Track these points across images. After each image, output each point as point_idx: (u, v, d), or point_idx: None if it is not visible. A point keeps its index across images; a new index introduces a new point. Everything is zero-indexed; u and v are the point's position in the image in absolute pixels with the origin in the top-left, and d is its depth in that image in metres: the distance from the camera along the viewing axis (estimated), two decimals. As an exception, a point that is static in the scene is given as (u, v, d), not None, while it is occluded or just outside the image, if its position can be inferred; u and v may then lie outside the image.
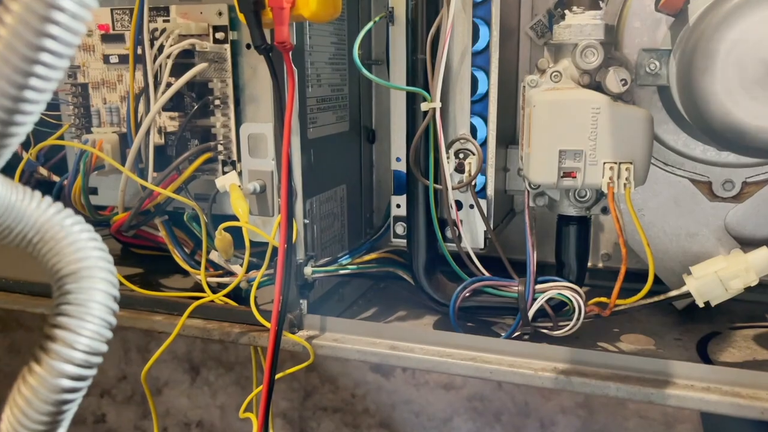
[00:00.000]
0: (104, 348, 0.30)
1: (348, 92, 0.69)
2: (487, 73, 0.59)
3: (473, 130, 0.60)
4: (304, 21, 0.53)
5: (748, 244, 0.62)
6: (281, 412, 1.23)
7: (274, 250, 0.55)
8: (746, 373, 0.50)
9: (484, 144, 0.60)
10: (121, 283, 0.66)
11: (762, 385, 0.47)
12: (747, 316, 0.64)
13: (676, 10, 0.51)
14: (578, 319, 0.55)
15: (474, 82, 0.59)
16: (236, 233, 0.60)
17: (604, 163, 0.49)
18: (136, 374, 1.32)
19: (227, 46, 0.62)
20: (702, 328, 0.61)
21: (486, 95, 0.59)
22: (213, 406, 1.28)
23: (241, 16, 0.49)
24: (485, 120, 0.60)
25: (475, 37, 0.58)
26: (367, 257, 0.62)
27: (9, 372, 1.35)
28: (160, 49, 0.62)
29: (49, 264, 0.30)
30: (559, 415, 1.08)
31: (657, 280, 0.59)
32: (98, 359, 0.30)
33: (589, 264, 0.71)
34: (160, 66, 0.62)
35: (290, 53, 0.50)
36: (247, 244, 0.57)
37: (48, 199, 0.31)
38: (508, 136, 0.66)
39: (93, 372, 0.30)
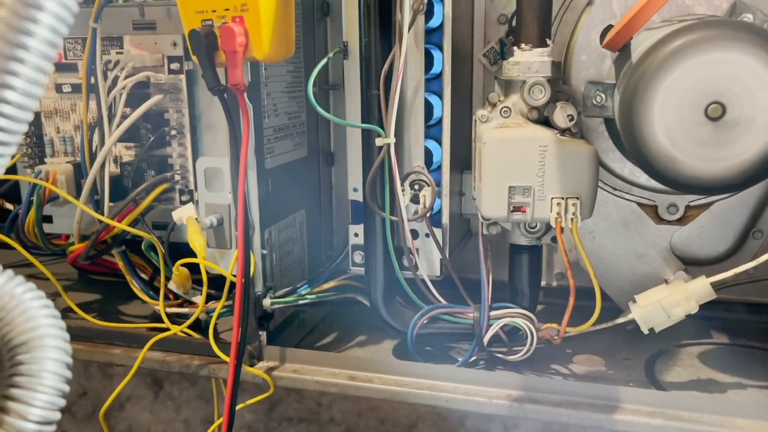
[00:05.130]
0: (57, 416, 0.30)
1: (305, 118, 0.70)
2: (442, 99, 0.60)
3: (429, 155, 0.61)
4: (258, 62, 0.53)
5: (692, 263, 0.65)
6: (246, 424, 1.23)
7: (233, 282, 0.55)
8: (688, 395, 0.52)
9: (439, 169, 0.61)
10: (77, 315, 0.65)
11: (703, 409, 0.50)
12: (692, 332, 0.66)
13: (619, 48, 0.53)
14: (531, 344, 0.57)
15: (429, 107, 0.60)
16: (195, 264, 0.60)
17: (552, 198, 0.51)
18: (96, 390, 1.30)
19: (182, 77, 0.62)
20: (649, 347, 0.63)
21: (441, 120, 0.60)
22: (177, 420, 1.27)
23: (194, 58, 0.49)
24: (441, 144, 0.61)
25: (430, 62, 0.59)
26: (326, 285, 0.63)
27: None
28: (114, 80, 0.61)
29: (0, 334, 0.30)
30: (521, 420, 1.10)
31: (607, 297, 0.62)
32: (52, 428, 0.30)
33: (543, 283, 0.73)
34: (115, 98, 0.61)
35: (245, 94, 0.50)
36: (204, 279, 0.57)
37: (-2, 266, 0.31)
38: (464, 161, 0.67)
39: (47, 440, 0.30)
